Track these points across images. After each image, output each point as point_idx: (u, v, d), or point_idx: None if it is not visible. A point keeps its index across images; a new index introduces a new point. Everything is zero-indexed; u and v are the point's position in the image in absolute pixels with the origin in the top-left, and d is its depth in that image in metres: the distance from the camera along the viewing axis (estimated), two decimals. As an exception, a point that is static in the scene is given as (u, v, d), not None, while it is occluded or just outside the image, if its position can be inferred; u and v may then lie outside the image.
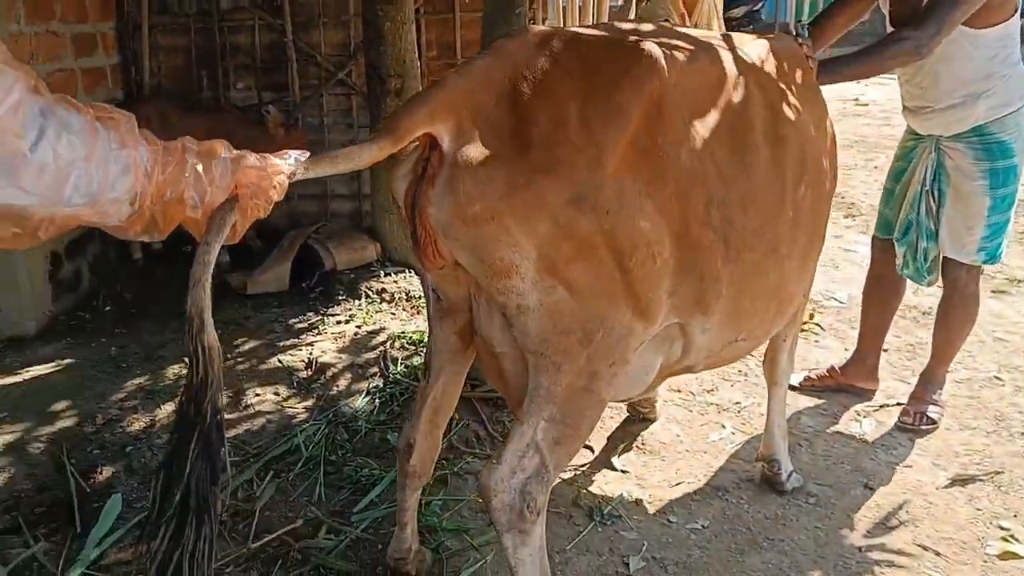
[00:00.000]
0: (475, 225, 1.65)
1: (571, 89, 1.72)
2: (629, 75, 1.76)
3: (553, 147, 1.66)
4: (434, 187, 1.68)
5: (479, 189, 1.63)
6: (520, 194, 1.63)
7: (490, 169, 1.64)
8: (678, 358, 2.08)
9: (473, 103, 1.70)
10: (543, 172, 1.64)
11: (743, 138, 1.97)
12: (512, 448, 1.82)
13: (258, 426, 3.44)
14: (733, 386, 3.69)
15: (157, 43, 5.72)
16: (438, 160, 1.68)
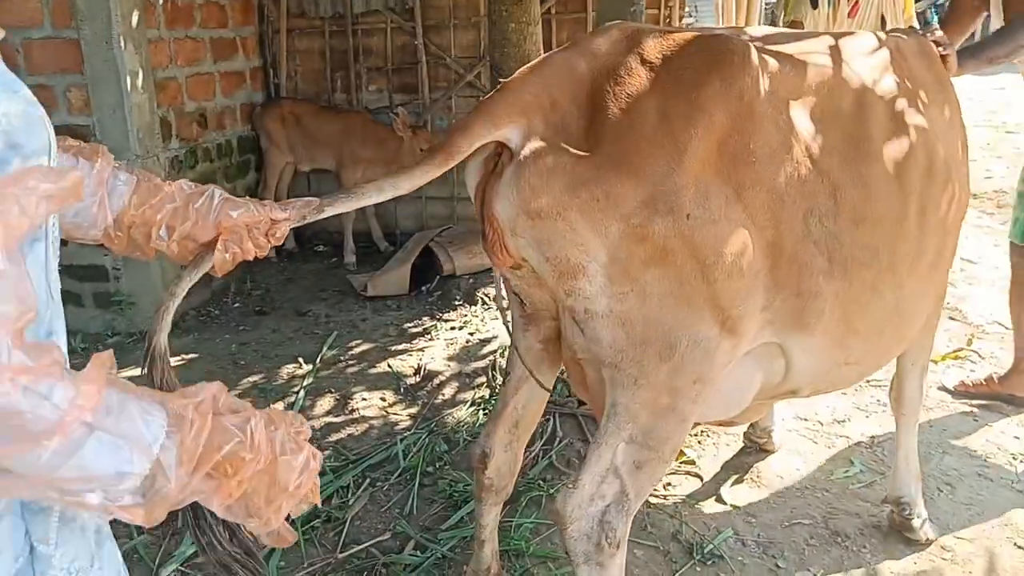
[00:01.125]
0: (540, 220, 1.61)
1: (652, 84, 1.65)
2: (716, 73, 1.67)
3: (627, 142, 1.60)
4: (501, 180, 1.65)
5: (544, 181, 1.59)
6: (588, 189, 1.57)
7: (558, 161, 1.59)
8: (779, 380, 1.96)
9: (547, 101, 1.66)
10: (614, 168, 1.58)
11: (857, 147, 1.85)
12: (590, 472, 1.74)
13: (361, 431, 3.49)
14: (868, 417, 3.42)
15: (294, 46, 5.99)
16: (509, 155, 1.66)
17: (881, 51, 2.09)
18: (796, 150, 1.74)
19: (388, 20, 5.84)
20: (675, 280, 1.63)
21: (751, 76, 1.70)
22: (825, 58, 1.92)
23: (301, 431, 1.10)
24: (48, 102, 4.39)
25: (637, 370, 1.68)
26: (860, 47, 2.06)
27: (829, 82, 1.88)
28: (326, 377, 4.04)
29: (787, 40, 1.97)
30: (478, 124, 1.64)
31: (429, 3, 5.75)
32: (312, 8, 5.90)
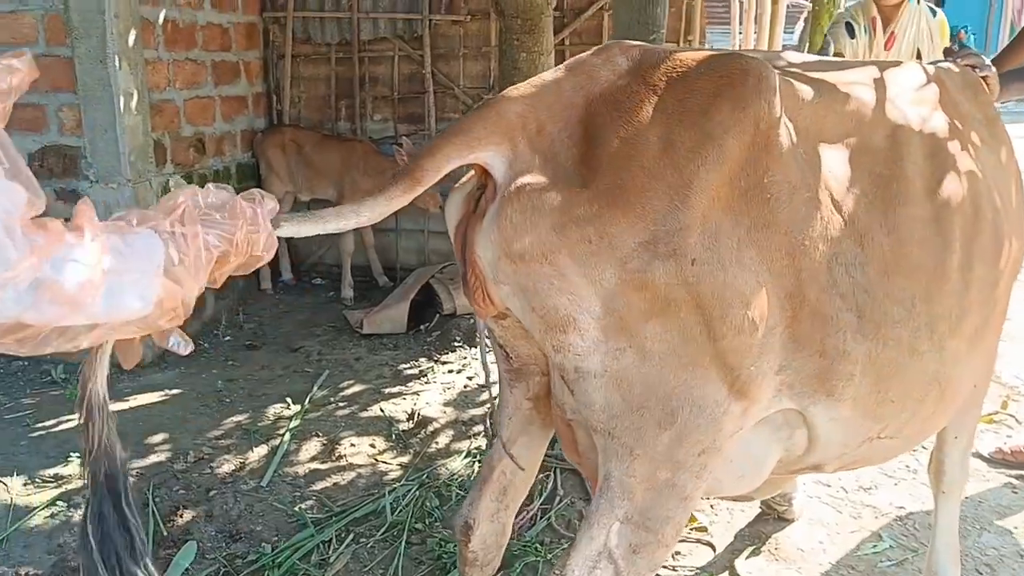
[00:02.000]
0: (523, 264, 1.43)
1: (655, 110, 1.47)
2: (727, 96, 1.48)
3: (625, 175, 1.42)
4: (483, 218, 1.48)
5: (528, 219, 1.41)
6: (580, 228, 1.39)
7: (544, 196, 1.41)
8: (801, 453, 1.76)
9: (534, 126, 1.49)
10: (609, 204, 1.40)
11: (890, 188, 1.66)
12: (580, 556, 1.55)
13: (347, 480, 3.31)
14: (897, 485, 3.20)
15: (299, 72, 5.90)
16: (492, 190, 1.49)
17: (921, 83, 1.92)
18: (819, 187, 1.56)
19: (396, 48, 5.74)
20: (678, 335, 1.44)
21: (767, 101, 1.51)
22: (856, 87, 1.75)
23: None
24: (39, 121, 4.28)
25: (633, 439, 1.49)
26: (897, 77, 1.88)
27: (859, 114, 1.70)
28: (314, 419, 3.85)
29: (816, 67, 1.80)
30: (449, 145, 1.47)
31: (438, 31, 5.66)
32: (318, 34, 5.80)
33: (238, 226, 1.20)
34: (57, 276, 0.96)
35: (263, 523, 3.01)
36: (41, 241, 0.95)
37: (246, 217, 1.21)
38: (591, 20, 5.56)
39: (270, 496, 3.18)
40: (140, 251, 1.07)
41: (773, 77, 1.53)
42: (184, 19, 4.87)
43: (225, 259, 1.19)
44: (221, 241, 1.18)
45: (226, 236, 1.18)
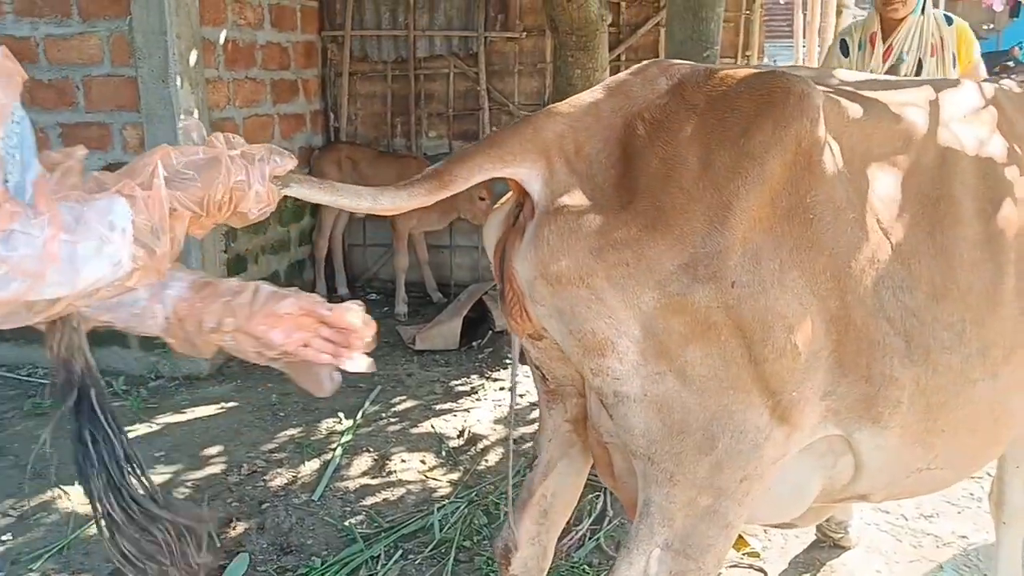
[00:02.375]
0: (560, 286, 1.43)
1: (695, 130, 1.46)
2: (769, 116, 1.46)
3: (664, 196, 1.41)
4: (522, 239, 1.48)
5: (565, 241, 1.40)
6: (617, 251, 1.39)
7: (581, 219, 1.41)
8: (846, 482, 1.71)
9: (571, 145, 1.49)
10: (647, 226, 1.39)
11: (939, 209, 1.61)
12: None
13: (397, 496, 3.33)
14: (960, 513, 3.10)
15: (356, 90, 6.00)
16: (530, 208, 1.49)
17: (975, 101, 1.85)
18: (866, 208, 1.52)
19: (451, 65, 5.81)
20: (719, 359, 1.42)
21: (810, 119, 1.48)
22: (906, 106, 1.70)
23: None
24: (105, 139, 4.43)
25: (674, 464, 1.47)
26: (950, 96, 1.83)
27: (908, 133, 1.66)
28: (365, 435, 3.89)
29: (868, 85, 1.77)
30: (482, 155, 1.47)
31: (493, 48, 5.71)
32: (375, 52, 5.91)
33: (212, 185, 1.18)
34: (7, 251, 0.98)
35: (313, 537, 3.05)
36: None
37: (228, 176, 1.19)
38: (647, 36, 5.56)
39: (321, 510, 3.22)
40: (100, 215, 1.07)
41: (816, 95, 1.51)
42: (244, 39, 5.00)
43: (196, 218, 1.18)
44: (188, 202, 1.16)
45: (195, 197, 1.16)
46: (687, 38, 3.11)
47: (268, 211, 1.28)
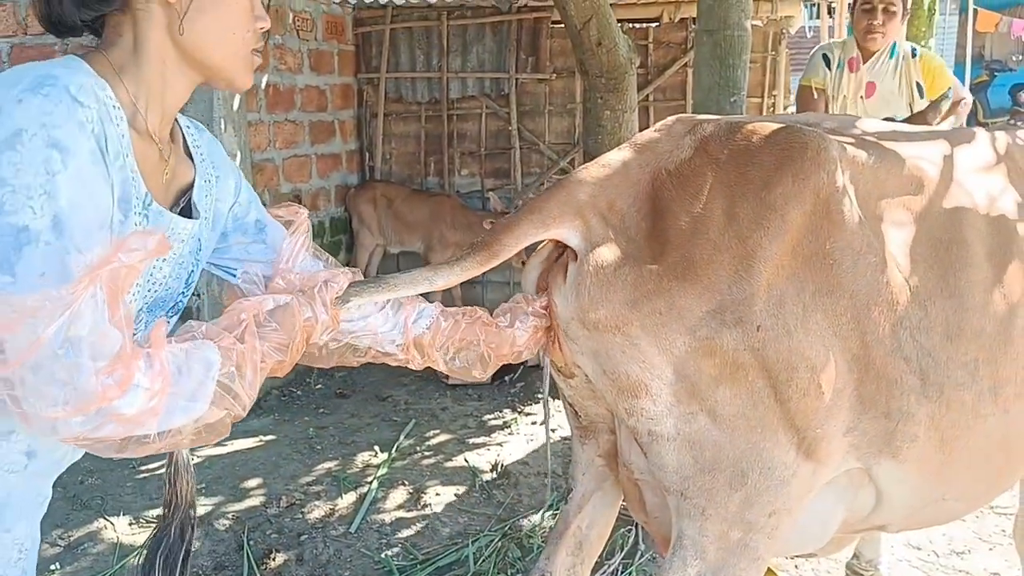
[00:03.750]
0: (597, 332, 1.53)
1: (718, 183, 1.56)
2: (789, 169, 1.56)
3: (691, 248, 1.50)
4: (565, 279, 1.58)
5: (604, 293, 1.51)
6: (651, 302, 1.49)
7: (618, 271, 1.51)
8: (867, 513, 1.77)
9: (604, 203, 1.59)
10: (678, 276, 1.49)
11: (951, 253, 1.68)
12: None
13: (431, 529, 3.40)
14: (992, 550, 3.11)
15: (390, 130, 6.16)
16: (572, 254, 1.59)
17: (985, 148, 1.93)
18: (881, 253, 1.61)
19: (483, 106, 5.96)
20: (747, 399, 1.50)
21: (827, 171, 1.58)
22: (918, 153, 1.79)
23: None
24: (151, 181, 4.58)
25: (705, 499, 1.55)
26: (958, 142, 1.91)
27: (920, 179, 1.74)
28: (401, 468, 3.98)
29: (881, 134, 1.85)
30: (527, 223, 1.57)
31: (524, 89, 5.86)
32: (410, 93, 6.07)
33: (292, 335, 1.30)
34: (126, 407, 1.08)
35: (351, 568, 3.12)
36: (114, 381, 1.07)
37: (299, 323, 1.32)
38: (675, 76, 5.68)
39: (358, 542, 3.30)
40: (198, 367, 1.17)
41: (832, 148, 1.60)
42: (284, 83, 5.19)
43: (282, 365, 1.30)
44: (276, 352, 1.28)
45: (281, 346, 1.28)
46: (714, 84, 3.21)
47: (333, 333, 1.41)
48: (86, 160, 1.09)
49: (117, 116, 1.18)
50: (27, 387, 1.04)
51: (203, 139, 1.47)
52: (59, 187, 1.06)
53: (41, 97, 1.07)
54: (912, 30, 5.46)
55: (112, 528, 3.40)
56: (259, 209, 1.56)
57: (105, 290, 1.06)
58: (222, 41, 1.28)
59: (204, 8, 1.26)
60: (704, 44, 3.22)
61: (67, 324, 1.03)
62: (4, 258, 1.04)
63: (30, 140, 1.05)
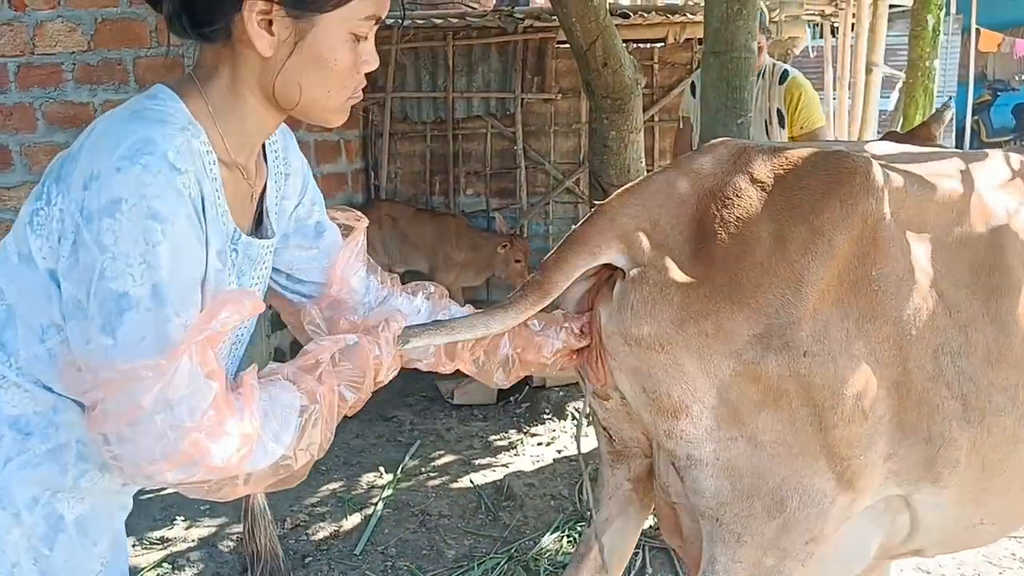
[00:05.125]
0: (639, 348, 1.51)
1: (765, 207, 1.55)
2: (836, 194, 1.55)
3: (738, 270, 1.49)
4: (611, 292, 1.57)
5: (650, 310, 1.50)
6: (697, 323, 1.48)
7: (664, 290, 1.50)
8: (903, 539, 1.76)
9: (648, 224, 1.58)
10: (725, 298, 1.48)
11: (991, 277, 1.68)
12: None
13: (437, 551, 3.38)
14: (1003, 574, 3.09)
15: (395, 150, 6.17)
16: (620, 273, 1.58)
17: (1011, 171, 1.93)
18: (923, 278, 1.60)
19: (489, 125, 5.98)
20: (788, 426, 1.49)
21: (875, 197, 1.58)
22: (952, 177, 1.78)
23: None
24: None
25: (741, 526, 1.53)
26: (994, 168, 1.91)
27: (959, 205, 1.74)
28: (406, 489, 3.95)
29: (912, 158, 1.85)
30: (573, 256, 1.56)
31: (530, 109, 5.88)
32: (415, 113, 6.09)
33: (367, 374, 1.32)
34: (214, 457, 1.11)
35: (357, 591, 3.11)
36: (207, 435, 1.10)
37: (370, 362, 1.33)
38: (680, 96, 5.69)
39: (363, 564, 3.28)
40: (282, 411, 1.21)
41: (879, 175, 1.60)
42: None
43: (356, 402, 1.33)
44: (352, 391, 1.31)
45: (356, 386, 1.31)
46: (721, 106, 3.21)
47: (394, 374, 1.41)
48: (184, 226, 1.11)
49: (210, 162, 1.20)
50: (124, 444, 1.08)
51: (279, 131, 1.45)
52: (159, 257, 1.08)
53: (140, 168, 1.08)
54: (916, 51, 5.46)
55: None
56: (322, 211, 1.57)
57: (199, 348, 1.09)
58: (316, 98, 1.27)
59: (302, 68, 1.23)
60: (711, 66, 3.24)
61: (164, 391, 1.06)
62: (106, 321, 1.07)
63: (129, 210, 1.06)
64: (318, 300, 1.55)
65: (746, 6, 3.10)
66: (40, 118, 4.49)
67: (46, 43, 4.43)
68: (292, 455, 1.22)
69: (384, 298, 1.62)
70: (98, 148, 1.12)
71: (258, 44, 1.19)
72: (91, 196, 1.08)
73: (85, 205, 1.09)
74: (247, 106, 1.26)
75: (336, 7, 1.21)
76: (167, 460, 1.09)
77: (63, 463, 1.24)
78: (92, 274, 1.08)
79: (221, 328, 1.12)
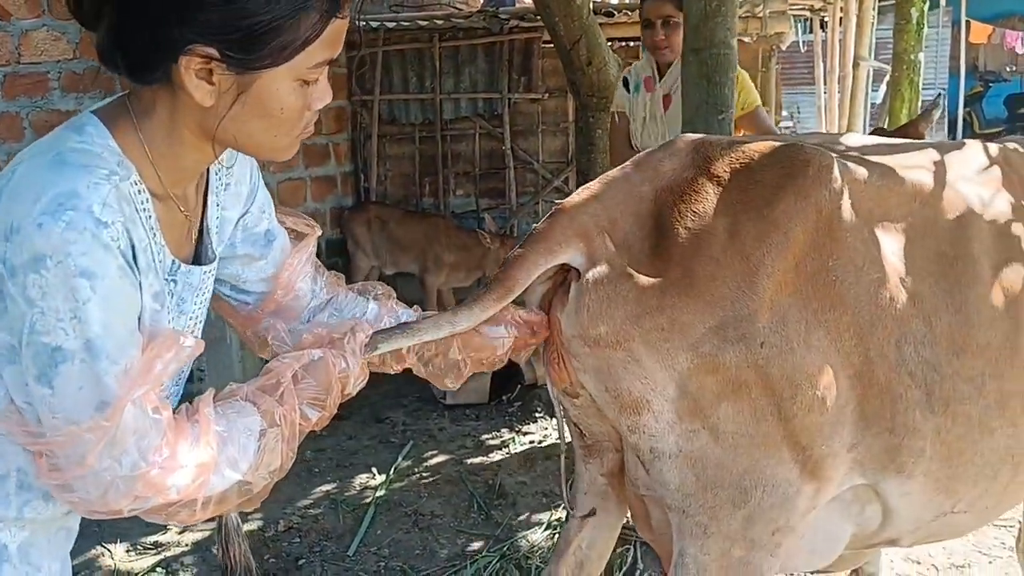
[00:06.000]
0: (599, 348, 1.53)
1: (721, 201, 1.57)
2: (791, 186, 1.57)
3: (694, 265, 1.51)
4: (568, 295, 1.58)
5: (605, 309, 1.51)
6: (652, 318, 1.49)
7: (619, 287, 1.52)
8: (875, 528, 1.77)
9: (606, 221, 1.59)
10: (680, 293, 1.49)
11: (954, 267, 1.69)
12: None
13: (430, 550, 3.40)
14: (992, 563, 3.11)
15: (384, 152, 6.18)
16: (575, 273, 1.60)
17: (985, 162, 1.94)
18: (884, 268, 1.61)
19: (477, 126, 6.00)
20: (749, 416, 1.50)
21: (829, 188, 1.59)
22: (918, 168, 1.79)
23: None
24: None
25: (707, 517, 1.55)
26: (960, 157, 1.92)
27: (922, 194, 1.75)
28: (399, 489, 3.97)
29: (878, 149, 1.87)
30: (534, 253, 1.58)
31: (518, 109, 5.90)
32: (403, 115, 6.11)
33: (330, 390, 1.30)
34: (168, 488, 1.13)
35: (350, 592, 3.13)
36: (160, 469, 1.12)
37: (335, 377, 1.31)
38: (666, 94, 5.72)
39: (356, 566, 3.29)
40: (240, 436, 1.20)
41: (834, 165, 1.61)
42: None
43: (320, 420, 1.31)
44: (316, 409, 1.29)
45: (319, 404, 1.29)
46: (702, 102, 3.23)
47: (362, 385, 1.39)
48: (114, 278, 1.07)
49: (142, 202, 1.15)
50: (76, 492, 1.10)
51: None
52: (90, 313, 1.05)
53: (63, 225, 1.02)
54: (901, 44, 5.49)
55: (110, 555, 3.39)
56: (271, 218, 1.49)
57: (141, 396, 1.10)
58: (262, 143, 1.21)
59: (246, 118, 1.16)
60: (691, 63, 3.26)
61: (110, 447, 1.07)
62: (41, 372, 1.05)
63: (55, 267, 1.02)
64: (262, 306, 1.51)
65: (725, 3, 3.12)
66: (27, 127, 4.50)
67: (31, 52, 4.44)
68: (251, 479, 1.21)
69: (328, 301, 1.58)
70: (18, 197, 1.06)
71: (196, 95, 1.12)
72: (13, 249, 1.04)
73: (7, 258, 1.04)
74: (185, 145, 1.20)
75: (284, 62, 1.13)
76: (122, 500, 1.11)
77: (5, 493, 1.20)
78: (23, 326, 1.05)
79: (160, 375, 1.11)
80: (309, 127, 1.24)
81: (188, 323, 1.32)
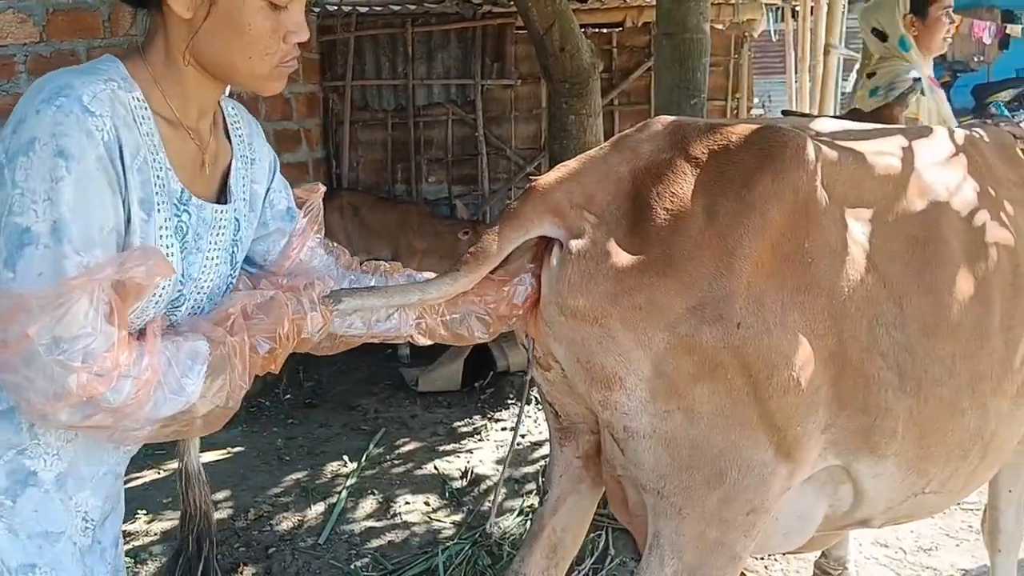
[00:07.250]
0: (575, 320, 1.52)
1: (699, 182, 1.56)
2: (769, 168, 1.57)
3: (672, 245, 1.51)
4: (550, 260, 1.58)
5: (585, 283, 1.51)
6: (631, 296, 1.49)
7: (600, 264, 1.51)
8: (847, 509, 1.79)
9: (581, 197, 1.59)
10: (658, 273, 1.49)
11: (927, 250, 1.71)
12: None
13: (401, 538, 3.38)
14: (959, 546, 3.14)
15: (357, 138, 6.11)
16: (559, 245, 1.59)
17: (954, 147, 1.97)
18: (858, 250, 1.62)
19: (449, 112, 5.94)
20: (725, 397, 1.50)
21: (806, 170, 1.59)
22: (890, 152, 1.81)
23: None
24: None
25: (683, 498, 1.54)
26: (929, 142, 1.94)
27: (894, 178, 1.76)
28: (370, 477, 3.94)
29: (850, 134, 1.87)
30: (506, 228, 1.57)
31: (490, 95, 5.85)
32: (376, 101, 6.04)
33: (281, 323, 1.33)
34: (114, 398, 1.15)
35: (320, 581, 3.09)
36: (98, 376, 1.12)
37: (287, 315, 1.34)
38: (639, 80, 5.71)
39: (327, 554, 3.26)
40: (186, 358, 1.23)
41: (811, 148, 1.61)
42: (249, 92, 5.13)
43: (273, 354, 1.33)
44: (267, 342, 1.32)
45: (269, 335, 1.32)
46: (675, 87, 3.22)
47: (327, 330, 1.43)
48: (91, 166, 1.15)
49: (142, 117, 1.24)
50: (20, 376, 1.12)
51: (243, 119, 1.53)
52: (61, 193, 1.12)
53: (55, 108, 1.14)
54: (871, 33, 5.51)
55: (75, 545, 3.33)
56: (290, 197, 1.62)
57: (109, 296, 1.13)
58: (237, 63, 1.30)
59: (217, 31, 1.27)
60: (664, 48, 3.24)
61: (54, 324, 1.09)
62: (9, 255, 1.12)
63: (41, 148, 1.12)
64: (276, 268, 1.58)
65: (698, -12, 3.10)
66: (-9, 111, 4.39)
67: (56, 32, 4.33)
68: (197, 403, 1.24)
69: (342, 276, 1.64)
70: (27, 96, 1.18)
71: (175, 6, 1.24)
72: (15, 138, 1.14)
73: (9, 147, 1.14)
74: (182, 70, 1.30)
75: None
76: (58, 400, 1.12)
77: (16, 422, 1.26)
78: (3, 209, 1.13)
79: (123, 275, 1.14)
80: (289, 61, 1.34)
81: (205, 261, 1.37)
